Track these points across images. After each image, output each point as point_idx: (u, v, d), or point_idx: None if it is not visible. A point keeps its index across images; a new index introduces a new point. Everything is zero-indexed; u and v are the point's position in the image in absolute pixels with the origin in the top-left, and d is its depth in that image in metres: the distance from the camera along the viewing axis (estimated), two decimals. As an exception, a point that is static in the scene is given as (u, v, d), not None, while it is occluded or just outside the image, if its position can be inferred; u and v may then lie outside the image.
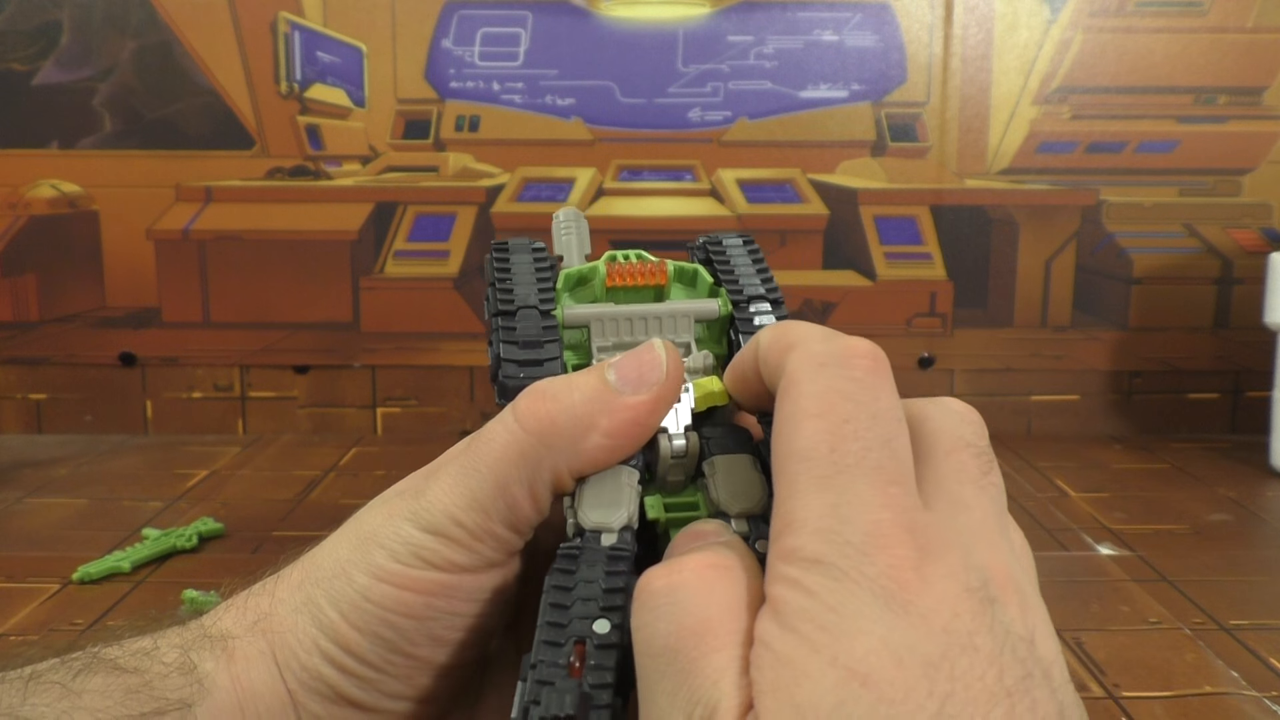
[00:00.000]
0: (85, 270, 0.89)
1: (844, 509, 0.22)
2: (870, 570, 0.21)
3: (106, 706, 0.26)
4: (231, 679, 0.28)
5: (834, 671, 0.20)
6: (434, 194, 0.89)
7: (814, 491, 0.22)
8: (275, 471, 0.79)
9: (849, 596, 0.21)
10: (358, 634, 0.28)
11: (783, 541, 0.22)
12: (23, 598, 0.54)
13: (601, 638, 0.24)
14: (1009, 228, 0.90)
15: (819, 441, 0.23)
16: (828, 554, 0.21)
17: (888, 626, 0.20)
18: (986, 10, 0.87)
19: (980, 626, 0.20)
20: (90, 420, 0.91)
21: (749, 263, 0.35)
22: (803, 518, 0.22)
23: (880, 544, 0.21)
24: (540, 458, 0.27)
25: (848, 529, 0.21)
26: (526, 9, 0.87)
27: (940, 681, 0.19)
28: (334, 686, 0.28)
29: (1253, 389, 0.90)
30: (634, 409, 0.28)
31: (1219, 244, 0.90)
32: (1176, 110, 0.88)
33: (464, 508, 0.28)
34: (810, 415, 0.23)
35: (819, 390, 0.24)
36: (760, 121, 0.88)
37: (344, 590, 0.28)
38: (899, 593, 0.21)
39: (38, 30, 0.87)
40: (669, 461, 0.29)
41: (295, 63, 0.87)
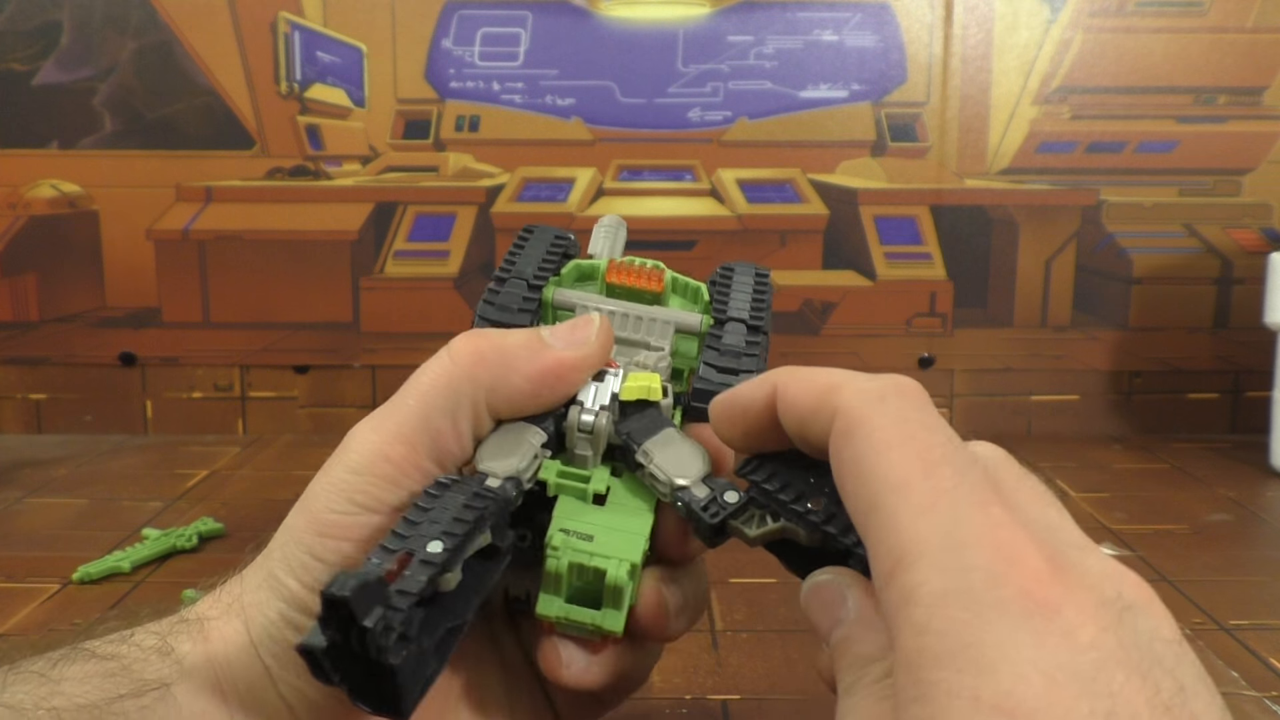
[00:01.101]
0: (85, 270, 0.90)
1: (958, 534, 0.21)
2: (1004, 593, 0.20)
3: (85, 691, 0.27)
4: (208, 658, 0.28)
5: (977, 712, 0.19)
6: (434, 194, 0.89)
7: (919, 522, 0.21)
8: (275, 471, 0.79)
9: (986, 626, 0.19)
10: (313, 595, 0.28)
11: (899, 582, 0.21)
12: (23, 598, 0.54)
13: (428, 554, 0.25)
14: (1009, 228, 0.90)
15: (910, 470, 0.22)
16: (954, 584, 0.20)
17: (1033, 648, 0.19)
18: (986, 10, 0.87)
19: (1125, 638, 0.20)
20: (90, 420, 0.91)
21: (749, 290, 0.36)
22: (916, 551, 0.21)
23: (1007, 563, 0.20)
24: (463, 390, 0.29)
25: (969, 554, 0.20)
26: (526, 9, 0.87)
27: (1100, 698, 0.18)
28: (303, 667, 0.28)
29: (1253, 389, 0.90)
30: (556, 359, 0.30)
31: (1219, 244, 0.90)
32: (1176, 110, 0.88)
33: (389, 441, 0.29)
34: (892, 446, 0.23)
35: (890, 422, 0.23)
36: (760, 121, 0.88)
37: (294, 554, 0.29)
38: (1038, 611, 0.19)
39: (38, 30, 0.87)
40: (576, 433, 0.30)
41: (295, 63, 0.87)
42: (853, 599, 0.25)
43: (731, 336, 0.34)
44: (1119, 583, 0.21)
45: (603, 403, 0.30)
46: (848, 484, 0.23)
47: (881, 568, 0.22)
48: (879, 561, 0.22)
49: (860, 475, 0.23)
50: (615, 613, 0.29)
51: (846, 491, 0.23)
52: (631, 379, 0.31)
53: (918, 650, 0.20)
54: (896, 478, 0.22)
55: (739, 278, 0.36)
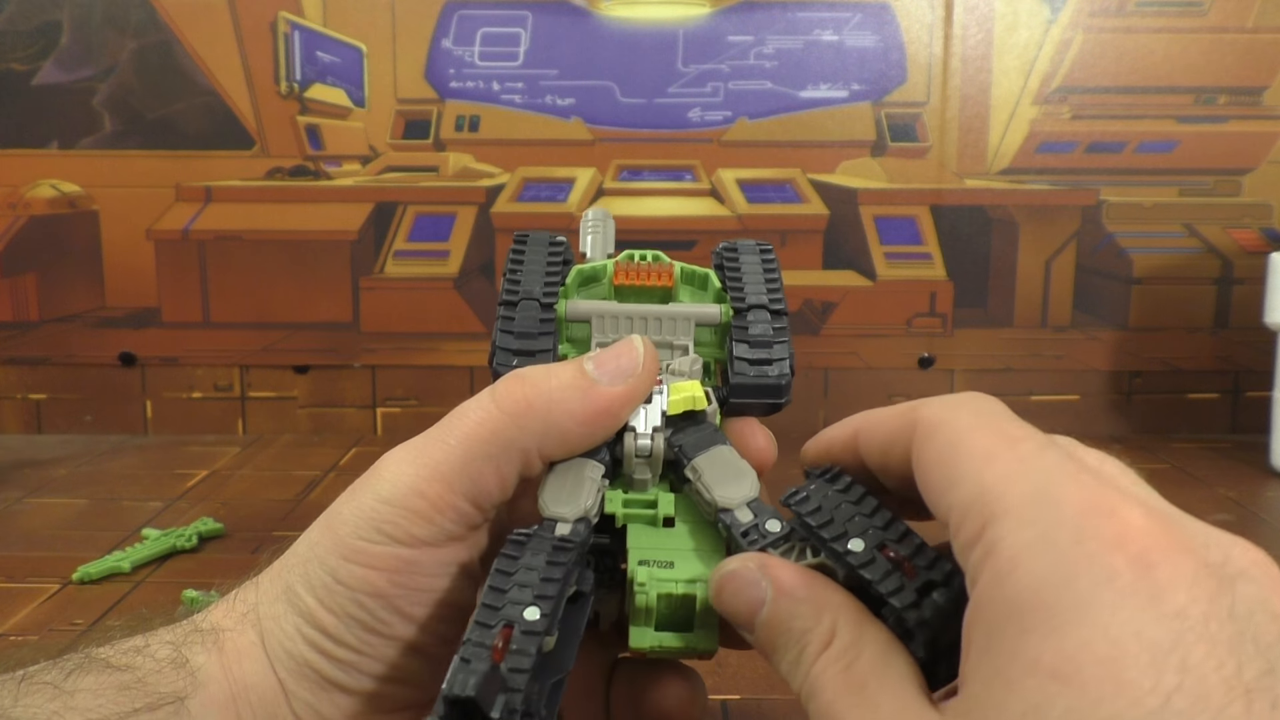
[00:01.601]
0: (85, 270, 0.89)
1: (1047, 492, 0.20)
2: (1092, 546, 0.19)
3: (98, 705, 0.26)
4: (224, 671, 0.28)
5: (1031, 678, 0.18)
6: (434, 194, 0.89)
7: (1006, 484, 0.21)
8: (275, 471, 0.79)
9: (1066, 582, 0.18)
10: (332, 617, 0.28)
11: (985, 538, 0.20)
12: (23, 598, 0.54)
13: (529, 624, 0.24)
14: (1009, 228, 0.90)
15: (994, 444, 0.22)
16: (1039, 536, 0.19)
17: (1110, 611, 0.18)
18: (986, 10, 0.87)
19: (1220, 609, 0.18)
20: (90, 420, 0.91)
21: (759, 271, 0.35)
22: (1003, 508, 0.20)
23: (1100, 516, 0.19)
24: (511, 437, 0.28)
25: (1058, 509, 0.20)
26: (526, 9, 0.87)
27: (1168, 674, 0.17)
28: (318, 670, 0.28)
29: (1253, 389, 0.90)
30: (607, 398, 0.29)
31: (1219, 244, 0.89)
32: (1176, 110, 0.88)
33: (426, 479, 0.28)
34: (974, 430, 0.23)
35: (970, 415, 0.23)
36: (760, 121, 0.88)
37: (315, 574, 0.28)
38: (1125, 571, 0.18)
39: (38, 30, 0.87)
40: (634, 460, 0.29)
41: (295, 63, 0.87)
42: (767, 579, 0.25)
43: (757, 325, 0.33)
44: (1227, 548, 0.20)
45: (655, 424, 0.30)
46: (930, 475, 0.23)
47: (966, 535, 0.21)
48: (964, 531, 0.21)
49: (942, 462, 0.23)
50: (709, 633, 0.28)
51: (929, 484, 0.23)
52: (674, 391, 0.31)
53: (991, 601, 0.19)
54: (981, 451, 0.22)
55: (745, 258, 0.36)
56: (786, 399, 0.32)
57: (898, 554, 0.25)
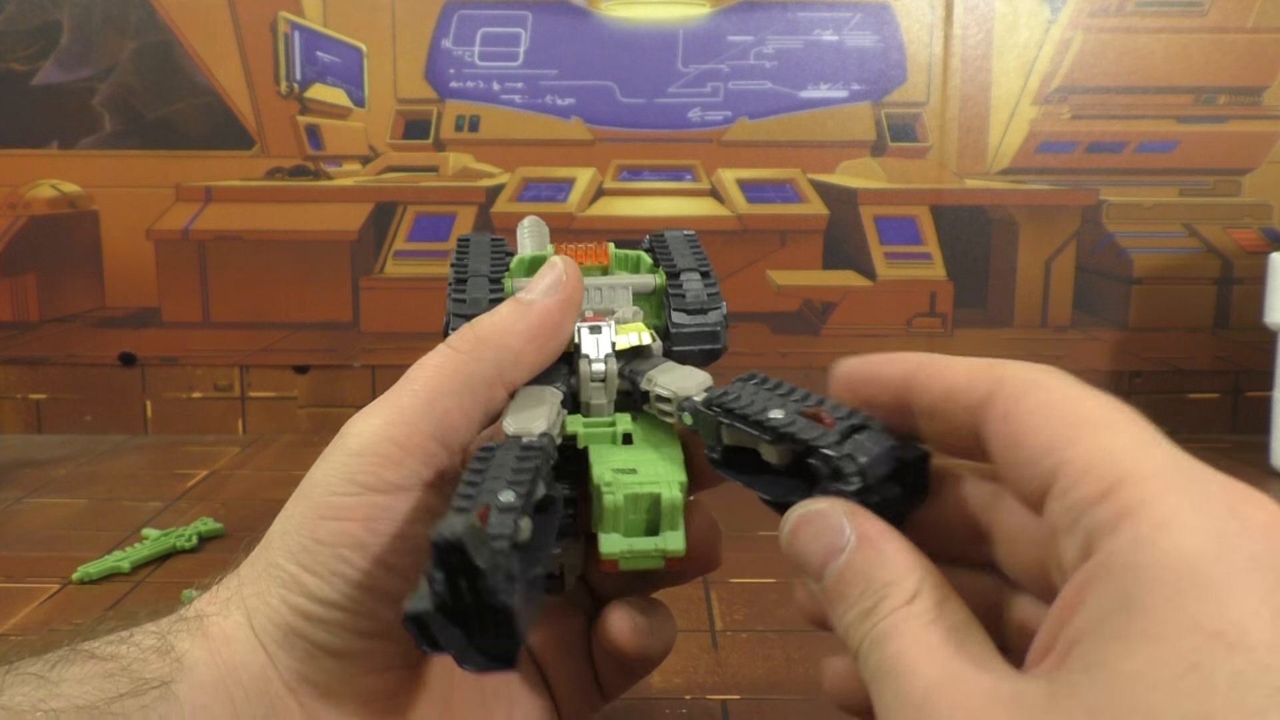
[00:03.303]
0: (85, 270, 0.89)
1: (1183, 462, 0.20)
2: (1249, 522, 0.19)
3: (84, 692, 0.27)
4: (210, 655, 0.28)
5: (1192, 636, 0.18)
6: (434, 194, 0.89)
7: (1139, 451, 0.21)
8: (275, 471, 0.79)
9: (1221, 557, 0.18)
10: (316, 579, 0.28)
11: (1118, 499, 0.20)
12: (23, 598, 0.54)
13: (505, 504, 0.25)
14: (1009, 228, 0.90)
15: (1109, 412, 0.22)
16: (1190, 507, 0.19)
17: (1271, 584, 0.18)
18: (986, 10, 0.87)
19: None
20: (90, 420, 0.91)
21: (685, 246, 0.38)
22: (1141, 472, 0.20)
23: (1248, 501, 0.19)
24: (471, 371, 0.30)
25: (1205, 484, 0.20)
26: (526, 9, 0.87)
27: None
28: (306, 637, 0.29)
29: (1253, 389, 0.90)
30: (545, 309, 0.31)
31: (1219, 244, 0.90)
32: (1176, 110, 0.88)
33: (394, 423, 0.29)
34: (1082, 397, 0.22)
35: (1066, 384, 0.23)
36: (760, 121, 0.88)
37: (295, 541, 0.29)
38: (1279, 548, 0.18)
39: (38, 30, 0.87)
40: (590, 385, 0.32)
41: (295, 63, 0.87)
42: (847, 524, 0.25)
43: (690, 284, 0.36)
44: None
45: (606, 351, 0.32)
46: (1029, 428, 0.23)
47: (1089, 489, 0.21)
48: (1085, 485, 0.21)
49: (1049, 421, 0.22)
50: (675, 534, 0.30)
51: (1025, 436, 0.23)
52: (620, 330, 0.33)
53: (1134, 564, 0.19)
54: (1095, 418, 0.22)
55: (671, 238, 0.39)
56: (723, 344, 0.35)
57: (816, 411, 0.27)
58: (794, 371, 0.90)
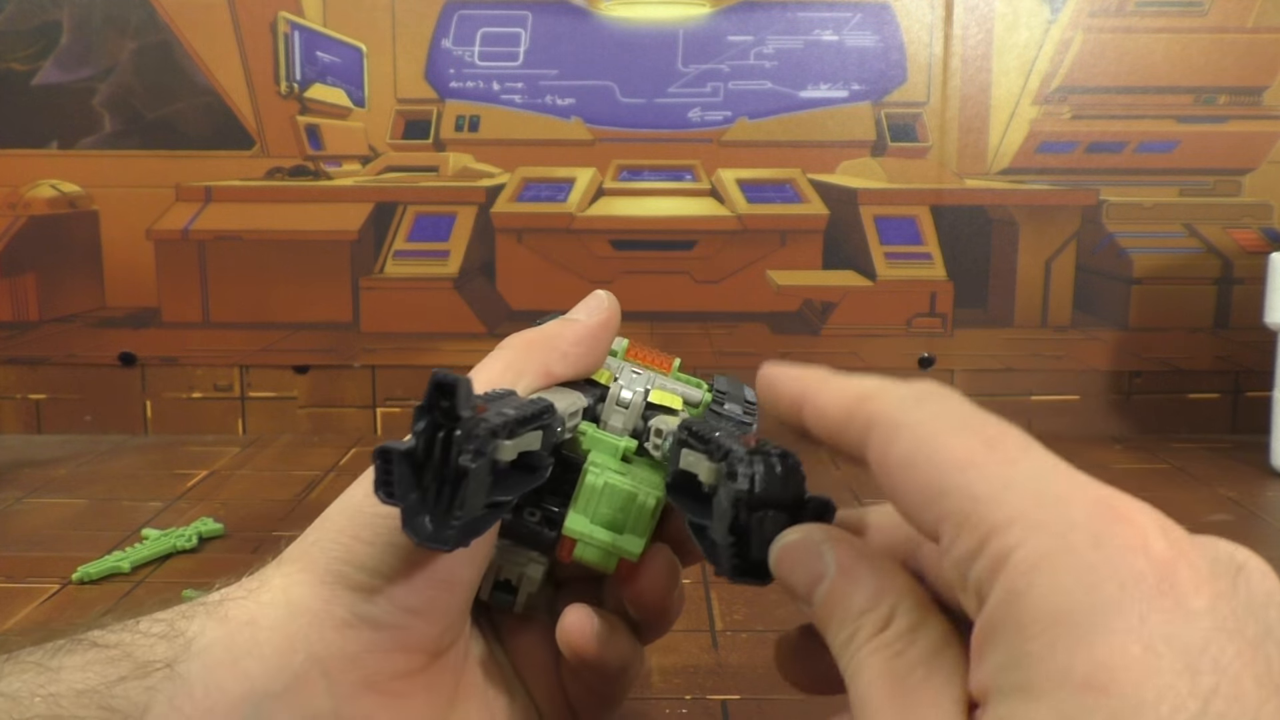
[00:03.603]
0: (85, 270, 0.89)
1: (1050, 493, 0.19)
2: (1111, 553, 0.18)
3: (84, 678, 0.27)
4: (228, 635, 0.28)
5: (1065, 687, 0.17)
6: (434, 194, 0.89)
7: (1003, 492, 0.20)
8: (275, 471, 0.79)
9: (1089, 590, 0.18)
10: (371, 548, 0.29)
11: (992, 549, 0.19)
12: (23, 598, 0.54)
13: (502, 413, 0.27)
14: (1009, 228, 0.90)
15: (973, 449, 0.21)
16: (1055, 545, 0.18)
17: (1139, 616, 0.17)
18: (986, 10, 0.87)
19: (1238, 606, 0.18)
20: (90, 420, 0.91)
21: (739, 388, 0.39)
22: (1007, 517, 0.19)
23: (1113, 520, 0.19)
24: (524, 361, 0.33)
25: (1069, 511, 0.19)
26: (526, 9, 0.87)
27: (1203, 675, 0.17)
28: (349, 607, 0.29)
29: (1253, 389, 0.90)
30: (586, 325, 0.35)
31: (1219, 244, 0.90)
32: (1176, 110, 0.88)
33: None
34: (944, 434, 0.22)
35: (933, 416, 0.22)
36: (760, 121, 0.88)
37: (355, 518, 0.30)
38: (1151, 572, 0.18)
39: (38, 30, 0.87)
40: (613, 406, 0.35)
41: (295, 63, 0.87)
42: (827, 551, 0.24)
43: (732, 406, 0.37)
44: (1223, 544, 0.19)
45: (638, 389, 0.35)
46: (901, 482, 0.22)
47: (964, 547, 0.20)
48: (961, 542, 0.20)
49: (916, 468, 0.22)
50: (635, 538, 0.31)
51: (902, 491, 0.22)
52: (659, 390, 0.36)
53: (1011, 618, 0.19)
54: (960, 459, 0.21)
55: (730, 379, 0.40)
56: None
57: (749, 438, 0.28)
58: (794, 371, 0.90)
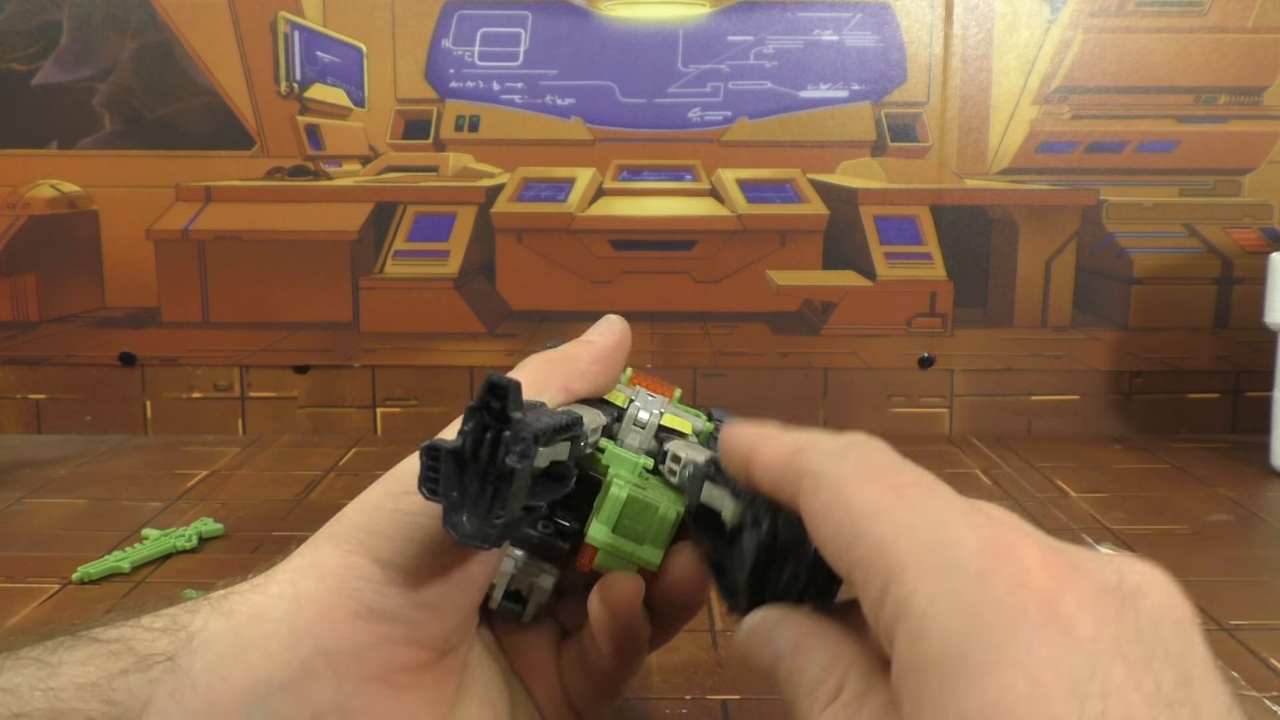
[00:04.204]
0: (85, 270, 0.89)
1: (941, 538, 0.20)
2: (996, 589, 0.19)
3: (85, 672, 0.27)
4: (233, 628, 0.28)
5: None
6: (434, 194, 0.89)
7: (901, 537, 0.21)
8: (275, 471, 0.79)
9: (977, 630, 0.18)
10: (388, 540, 0.30)
11: (890, 598, 0.20)
12: (23, 598, 0.54)
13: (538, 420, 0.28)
14: (1009, 228, 0.90)
15: (881, 497, 0.22)
16: (943, 588, 0.19)
17: (1025, 649, 0.18)
18: (986, 10, 0.87)
19: (1126, 629, 0.19)
20: (90, 420, 0.91)
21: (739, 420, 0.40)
22: (901, 564, 0.20)
23: (998, 558, 0.19)
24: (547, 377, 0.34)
25: (956, 554, 0.20)
26: (526, 9, 0.87)
27: (1091, 700, 0.17)
28: (359, 597, 0.29)
29: (1253, 389, 0.90)
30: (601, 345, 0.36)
31: (1219, 244, 0.90)
32: (1176, 110, 0.88)
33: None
34: (859, 483, 0.23)
35: (853, 466, 0.23)
36: (760, 121, 0.88)
37: (375, 510, 0.30)
38: (1034, 603, 0.19)
39: (38, 30, 0.87)
40: (630, 425, 0.36)
41: (295, 63, 0.87)
42: (781, 632, 0.26)
43: None
44: (1118, 568, 0.20)
45: (653, 410, 0.36)
46: (823, 531, 0.23)
47: (872, 594, 0.21)
48: (869, 589, 0.21)
49: (832, 518, 0.23)
50: (655, 549, 0.32)
51: (824, 540, 0.23)
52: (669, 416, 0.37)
53: (910, 665, 0.19)
54: (869, 507, 0.22)
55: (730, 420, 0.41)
56: None
57: None
58: (794, 371, 0.90)
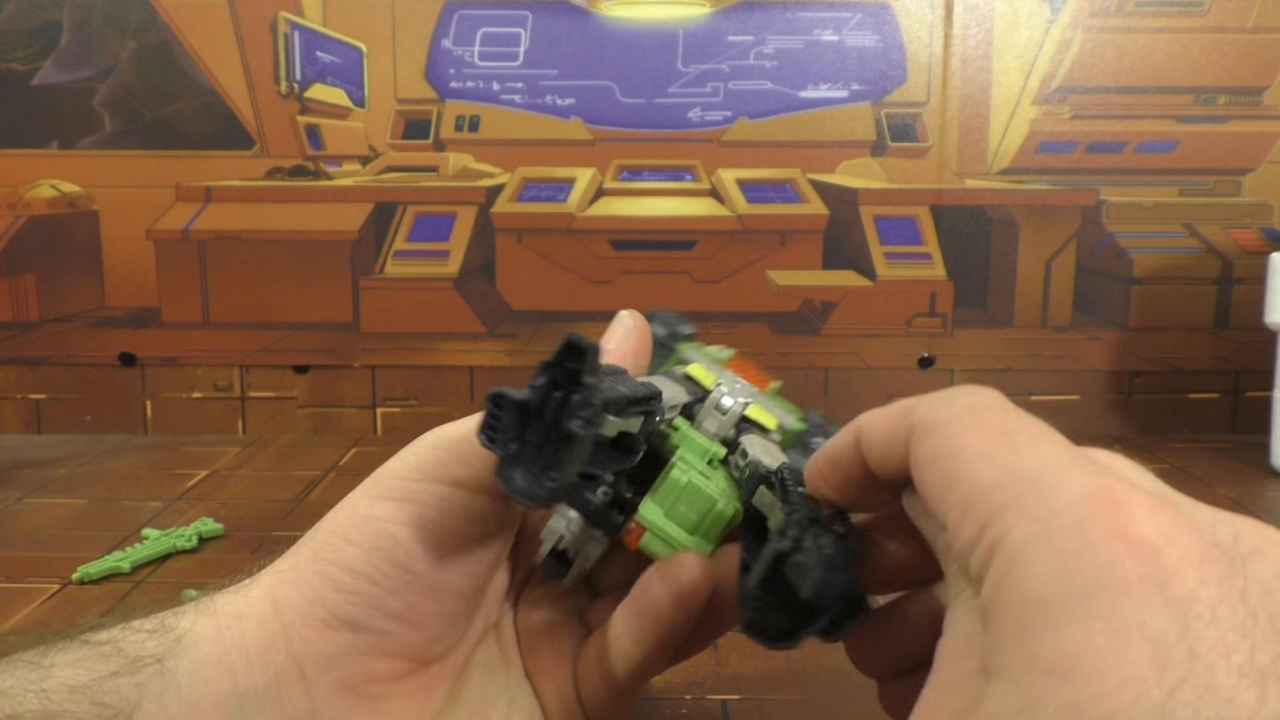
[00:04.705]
0: (85, 270, 0.89)
1: (1045, 483, 0.19)
2: (1093, 536, 0.18)
3: (76, 674, 0.27)
4: (216, 630, 0.29)
5: (1030, 673, 0.17)
6: (434, 194, 0.89)
7: (1003, 479, 0.20)
8: (275, 471, 0.79)
9: (1067, 576, 0.18)
10: (357, 549, 0.29)
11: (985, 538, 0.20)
12: (23, 598, 0.54)
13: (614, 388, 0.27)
14: (1009, 228, 0.90)
15: (987, 441, 0.21)
16: (1038, 530, 0.19)
17: (1112, 601, 0.17)
18: (986, 10, 0.87)
19: (1230, 592, 0.17)
20: (90, 420, 0.91)
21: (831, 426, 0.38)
22: (1000, 504, 0.20)
23: (1100, 506, 0.18)
24: None
25: (1056, 499, 0.19)
26: (526, 9, 0.87)
27: (1173, 664, 0.16)
28: (331, 608, 0.29)
29: (1253, 389, 0.90)
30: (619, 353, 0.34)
31: (1219, 244, 0.89)
32: (1176, 110, 0.88)
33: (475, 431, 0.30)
34: (967, 429, 0.22)
35: (962, 412, 0.23)
36: (760, 121, 0.88)
37: (348, 518, 0.30)
38: (1132, 554, 0.18)
39: (38, 30, 0.87)
40: (711, 409, 0.34)
41: (295, 63, 0.87)
42: None
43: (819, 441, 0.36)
44: (1237, 526, 0.19)
45: (739, 398, 0.34)
46: (928, 479, 0.22)
47: (966, 535, 0.20)
48: (963, 531, 0.21)
49: (937, 463, 0.22)
50: (705, 543, 0.31)
51: (926, 485, 0.23)
52: (755, 408, 0.35)
53: (996, 604, 0.19)
54: (973, 450, 0.21)
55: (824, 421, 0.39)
56: None
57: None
58: (794, 371, 0.90)
